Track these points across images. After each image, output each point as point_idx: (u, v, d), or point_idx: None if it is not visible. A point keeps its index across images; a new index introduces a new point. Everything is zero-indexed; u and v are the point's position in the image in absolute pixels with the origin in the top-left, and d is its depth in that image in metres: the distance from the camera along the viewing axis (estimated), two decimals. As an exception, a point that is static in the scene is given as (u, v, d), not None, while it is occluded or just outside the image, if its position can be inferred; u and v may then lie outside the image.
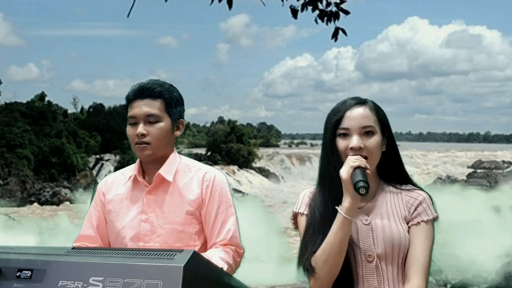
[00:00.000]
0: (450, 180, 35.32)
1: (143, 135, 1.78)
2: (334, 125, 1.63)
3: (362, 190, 1.50)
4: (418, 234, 1.60)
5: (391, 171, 1.69)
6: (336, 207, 1.56)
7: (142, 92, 1.81)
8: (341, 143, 1.61)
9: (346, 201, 1.54)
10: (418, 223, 1.61)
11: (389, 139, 1.67)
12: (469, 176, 37.38)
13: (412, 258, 1.58)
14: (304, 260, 1.58)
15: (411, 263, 1.58)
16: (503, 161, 46.87)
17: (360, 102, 1.65)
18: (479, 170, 40.30)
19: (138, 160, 1.88)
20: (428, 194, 1.67)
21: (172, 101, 1.83)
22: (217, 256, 1.70)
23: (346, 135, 1.61)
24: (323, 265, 1.54)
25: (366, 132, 1.61)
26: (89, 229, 1.91)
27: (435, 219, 1.63)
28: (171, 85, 1.87)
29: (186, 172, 1.86)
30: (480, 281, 13.50)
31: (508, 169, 40.62)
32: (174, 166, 1.85)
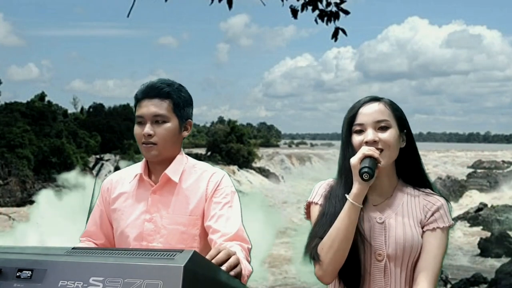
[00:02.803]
0: (450, 180, 35.28)
1: (149, 136, 1.77)
2: (349, 122, 1.63)
3: (366, 176, 1.50)
4: (432, 240, 1.58)
5: (410, 171, 1.67)
6: (346, 194, 1.56)
7: (151, 91, 1.79)
8: (356, 138, 1.61)
9: (354, 187, 1.54)
10: (434, 229, 1.59)
11: (407, 136, 1.66)
12: (469, 176, 37.32)
13: (423, 264, 1.56)
14: (311, 248, 1.58)
15: (422, 268, 1.56)
16: (503, 161, 46.88)
17: (375, 99, 1.65)
18: (479, 170, 40.26)
19: (144, 159, 1.87)
20: (447, 200, 1.65)
21: (180, 101, 1.81)
22: (243, 257, 1.59)
23: (361, 131, 1.61)
24: (328, 250, 1.54)
25: (381, 127, 1.60)
26: (92, 226, 1.92)
27: (450, 226, 1.61)
28: (180, 85, 1.85)
29: (192, 173, 1.84)
30: (480, 280, 13.49)
31: (508, 169, 40.58)
32: (181, 167, 1.84)
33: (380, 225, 1.60)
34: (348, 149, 1.63)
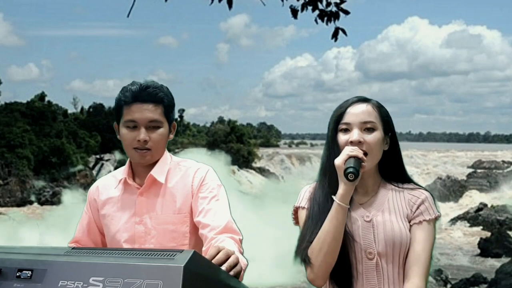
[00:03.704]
0: (450, 180, 35.26)
1: (145, 142, 1.76)
2: (336, 120, 1.65)
3: (351, 176, 1.52)
4: (420, 233, 1.60)
5: (392, 171, 1.69)
6: (332, 196, 1.57)
7: (143, 95, 1.76)
8: (341, 137, 1.63)
9: (340, 188, 1.55)
10: (420, 222, 1.61)
11: (392, 139, 1.67)
12: (469, 176, 37.27)
13: (413, 257, 1.58)
14: (301, 250, 1.59)
15: (412, 262, 1.57)
16: (503, 161, 46.77)
17: (364, 99, 1.67)
18: (479, 170, 40.18)
19: (127, 162, 1.87)
20: (430, 193, 1.67)
21: (170, 105, 1.82)
22: (237, 251, 1.57)
23: (347, 130, 1.62)
24: (318, 253, 1.55)
25: (367, 128, 1.61)
26: (79, 233, 1.93)
27: (437, 218, 1.63)
28: (166, 87, 1.84)
29: (177, 171, 1.84)
30: (480, 280, 13.49)
31: (508, 169, 40.51)
32: (166, 166, 1.83)
33: (368, 223, 1.61)
34: (333, 148, 1.64)
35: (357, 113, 1.62)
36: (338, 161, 1.55)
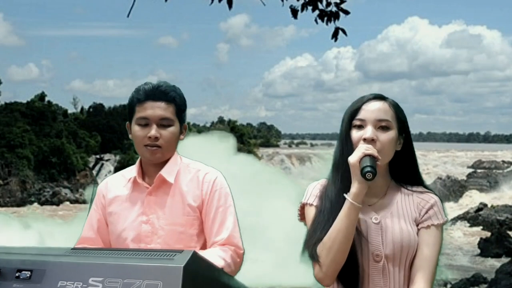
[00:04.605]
0: (450, 180, 35.25)
1: (156, 138, 1.78)
2: (350, 115, 1.62)
3: (369, 175, 1.48)
4: (427, 237, 1.58)
5: (403, 172, 1.66)
6: (344, 194, 1.54)
7: (156, 93, 1.79)
8: (355, 133, 1.60)
9: (354, 187, 1.52)
10: (428, 226, 1.59)
11: (406, 139, 1.65)
12: (469, 176, 37.23)
13: (419, 262, 1.56)
14: (311, 246, 1.56)
15: (419, 266, 1.56)
16: (503, 161, 46.73)
17: (380, 97, 1.64)
18: (479, 170, 40.15)
19: (137, 162, 1.88)
20: (439, 198, 1.64)
21: (182, 106, 1.84)
22: (215, 254, 1.69)
23: (361, 126, 1.59)
24: (329, 251, 1.52)
25: (382, 126, 1.59)
26: (89, 232, 1.91)
27: (444, 223, 1.61)
28: (179, 88, 1.87)
29: (186, 173, 1.85)
30: (480, 280, 13.48)
31: (508, 169, 40.46)
32: (176, 167, 1.84)
33: (376, 225, 1.59)
34: (346, 143, 1.61)
35: (373, 110, 1.59)
36: (353, 159, 1.52)
